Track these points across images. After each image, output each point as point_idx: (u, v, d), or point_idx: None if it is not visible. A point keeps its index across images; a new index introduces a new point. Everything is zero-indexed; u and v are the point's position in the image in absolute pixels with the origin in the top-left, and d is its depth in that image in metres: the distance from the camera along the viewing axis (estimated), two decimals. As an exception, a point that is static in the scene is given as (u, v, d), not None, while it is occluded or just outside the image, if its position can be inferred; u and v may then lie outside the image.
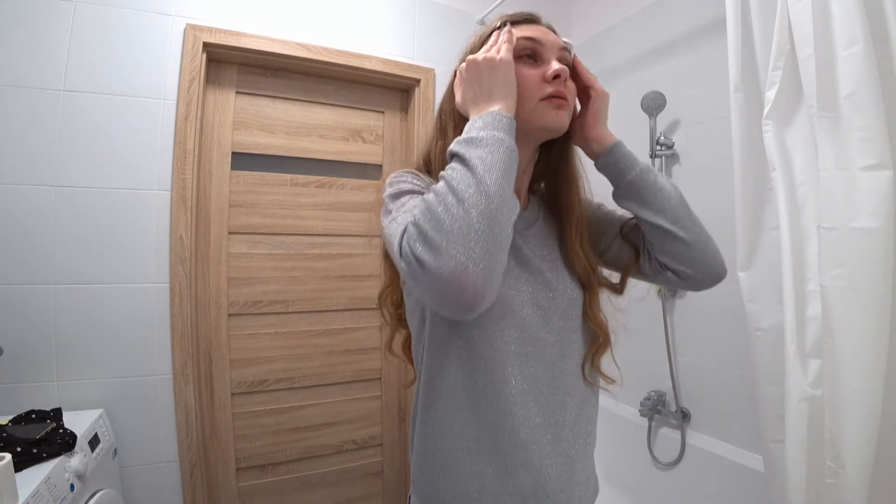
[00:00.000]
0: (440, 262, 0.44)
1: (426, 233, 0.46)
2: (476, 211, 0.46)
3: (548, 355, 0.64)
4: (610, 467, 1.84)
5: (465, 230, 0.45)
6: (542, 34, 0.64)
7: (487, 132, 0.52)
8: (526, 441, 0.61)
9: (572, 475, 0.64)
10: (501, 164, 0.50)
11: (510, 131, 0.53)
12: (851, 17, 0.85)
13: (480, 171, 0.48)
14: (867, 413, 0.81)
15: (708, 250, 0.68)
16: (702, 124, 1.59)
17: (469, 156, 0.50)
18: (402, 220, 0.52)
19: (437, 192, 0.49)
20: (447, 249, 0.44)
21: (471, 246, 0.45)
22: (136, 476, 1.39)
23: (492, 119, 0.54)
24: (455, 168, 0.50)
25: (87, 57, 1.36)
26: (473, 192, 0.47)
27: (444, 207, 0.46)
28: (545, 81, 0.61)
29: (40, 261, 1.31)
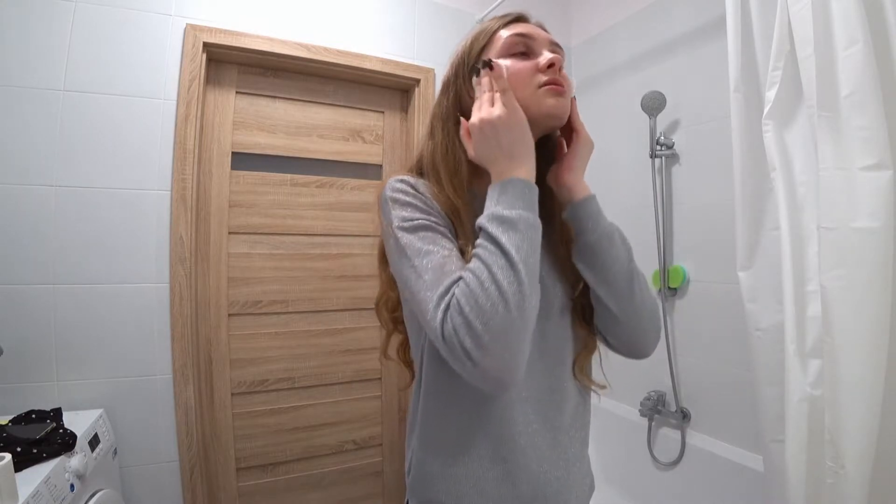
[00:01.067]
0: (487, 362, 0.48)
1: (475, 328, 0.48)
2: (517, 309, 0.48)
3: (545, 362, 0.64)
4: (610, 467, 1.84)
5: (508, 328, 0.48)
6: (533, 30, 0.65)
7: (519, 212, 0.52)
8: (525, 447, 0.61)
9: (570, 477, 0.65)
10: (534, 253, 0.52)
11: (535, 204, 0.55)
12: (851, 17, 0.85)
13: (518, 264, 0.49)
14: (867, 413, 0.81)
15: (639, 332, 0.67)
16: (702, 124, 1.59)
17: (505, 242, 0.50)
18: (433, 285, 0.52)
19: (480, 280, 0.49)
20: (493, 348, 0.48)
21: (513, 345, 0.49)
22: (136, 476, 1.39)
23: (521, 192, 0.54)
24: (494, 254, 0.50)
25: (88, 57, 1.36)
26: (515, 290, 0.49)
27: (490, 304, 0.48)
28: (539, 71, 0.61)
29: (40, 261, 1.31)
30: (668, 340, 1.63)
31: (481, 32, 0.67)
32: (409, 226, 0.58)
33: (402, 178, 0.63)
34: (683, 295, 1.64)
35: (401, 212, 0.59)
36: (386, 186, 0.63)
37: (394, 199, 0.60)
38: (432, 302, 0.51)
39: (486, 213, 0.54)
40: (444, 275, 0.52)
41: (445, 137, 0.65)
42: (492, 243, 0.51)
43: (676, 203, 1.67)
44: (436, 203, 0.61)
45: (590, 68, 2.07)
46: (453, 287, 0.51)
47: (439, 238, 0.57)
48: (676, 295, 1.66)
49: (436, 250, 0.55)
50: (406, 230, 0.57)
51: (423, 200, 0.60)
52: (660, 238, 1.64)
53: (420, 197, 0.60)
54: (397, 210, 0.59)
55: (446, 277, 0.52)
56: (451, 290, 0.51)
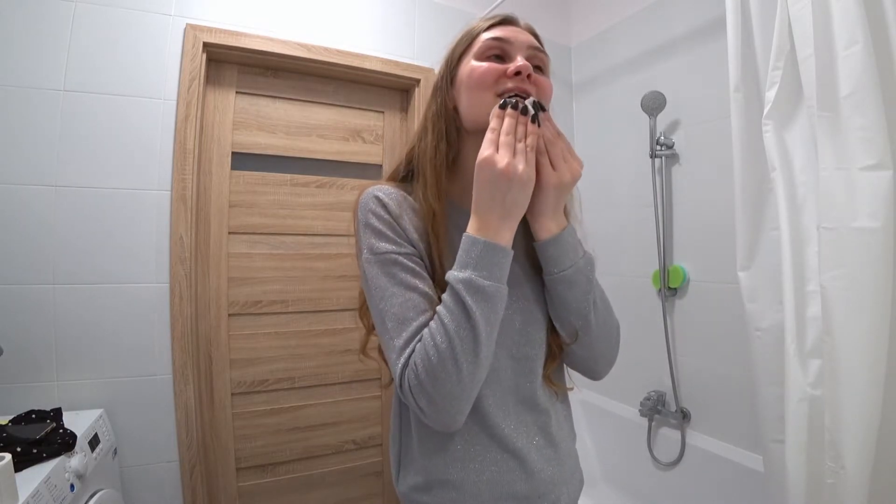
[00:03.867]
0: (436, 417, 0.54)
1: (427, 391, 0.52)
2: (470, 379, 0.53)
3: (529, 368, 0.65)
4: (610, 467, 1.84)
5: (459, 395, 0.53)
6: (513, 34, 0.63)
7: (495, 286, 0.53)
8: (515, 450, 0.62)
9: (562, 474, 0.66)
10: (498, 320, 0.55)
11: (507, 272, 0.56)
12: (851, 17, 0.85)
13: (483, 336, 0.52)
14: (867, 413, 0.81)
15: (587, 360, 0.69)
16: (702, 124, 1.59)
17: (475, 312, 0.52)
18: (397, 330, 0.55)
19: (438, 347, 0.51)
20: (444, 409, 0.53)
21: (461, 407, 0.54)
22: (136, 476, 1.39)
23: (501, 261, 0.55)
24: (459, 322, 0.52)
25: (88, 57, 1.36)
26: (472, 360, 0.52)
27: (444, 373, 0.51)
28: (507, 77, 0.60)
29: (40, 261, 1.31)
30: (668, 340, 1.63)
31: (465, 35, 0.67)
32: (378, 260, 0.58)
33: (377, 194, 0.62)
34: (683, 295, 1.64)
35: (371, 240, 0.60)
36: (360, 203, 0.62)
37: (367, 223, 0.60)
38: (394, 352, 0.55)
39: (462, 273, 0.53)
40: (405, 322, 0.55)
41: (434, 140, 0.65)
42: (461, 310, 0.52)
43: (676, 203, 1.67)
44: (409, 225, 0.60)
45: (590, 68, 2.07)
46: (414, 341, 0.54)
47: (405, 276, 0.57)
48: (676, 295, 1.66)
49: (399, 293, 0.56)
50: (374, 264, 0.59)
51: (393, 226, 0.60)
52: (660, 238, 1.64)
53: (392, 224, 0.60)
54: (368, 237, 0.60)
55: (407, 326, 0.55)
56: (412, 345, 0.54)
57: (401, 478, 0.66)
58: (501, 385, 0.63)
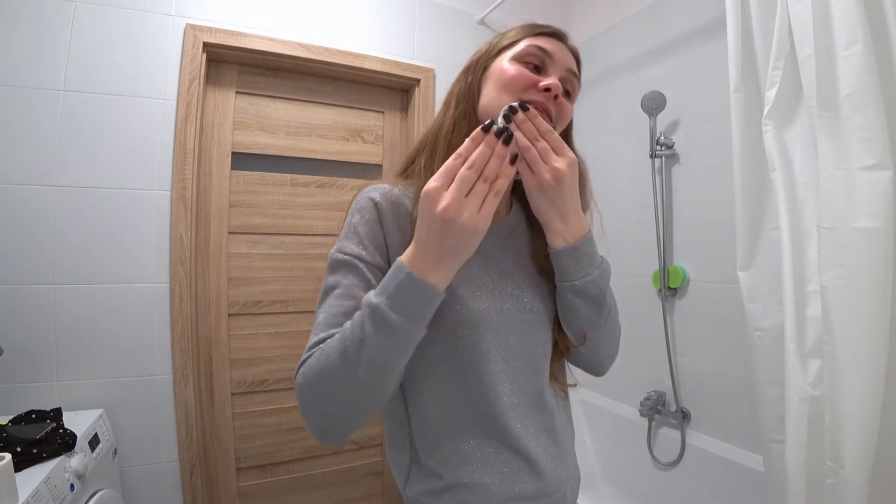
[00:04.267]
0: (309, 424, 0.54)
1: (305, 395, 0.53)
2: (345, 402, 0.53)
3: (534, 368, 0.65)
4: (610, 467, 1.84)
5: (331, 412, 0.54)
6: (557, 50, 0.62)
7: (402, 321, 0.48)
8: (526, 452, 0.62)
9: (567, 472, 0.67)
10: (397, 362, 0.52)
11: (430, 314, 0.51)
12: (851, 17, 0.85)
13: (372, 366, 0.50)
14: (867, 413, 0.81)
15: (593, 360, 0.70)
16: (702, 124, 1.59)
17: (370, 339, 0.49)
18: (316, 329, 0.56)
19: (328, 362, 0.51)
20: (314, 418, 0.54)
21: (335, 425, 0.55)
22: (136, 476, 1.39)
23: (420, 297, 0.49)
24: (353, 340, 0.50)
25: (88, 57, 1.36)
26: (350, 388, 0.51)
27: (320, 383, 0.52)
28: (535, 89, 0.59)
29: (40, 261, 1.31)
30: (668, 340, 1.63)
31: (512, 30, 0.65)
32: (339, 258, 0.60)
33: (372, 195, 0.62)
34: (683, 295, 1.64)
35: (344, 240, 0.61)
36: (356, 199, 0.64)
37: (350, 222, 0.62)
38: (306, 346, 0.56)
39: (376, 297, 0.50)
40: (328, 327, 0.55)
41: (455, 116, 0.64)
42: (359, 335, 0.50)
43: (676, 203, 1.67)
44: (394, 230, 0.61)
45: (590, 68, 2.06)
46: (321, 344, 0.54)
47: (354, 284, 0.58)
48: (676, 295, 1.66)
49: (338, 297, 0.57)
50: (335, 262, 0.60)
51: (373, 233, 0.61)
52: (660, 238, 1.64)
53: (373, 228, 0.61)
54: (344, 236, 0.62)
55: (327, 330, 0.55)
56: (319, 347, 0.54)
57: (410, 483, 0.65)
58: (513, 385, 0.62)
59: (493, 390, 0.61)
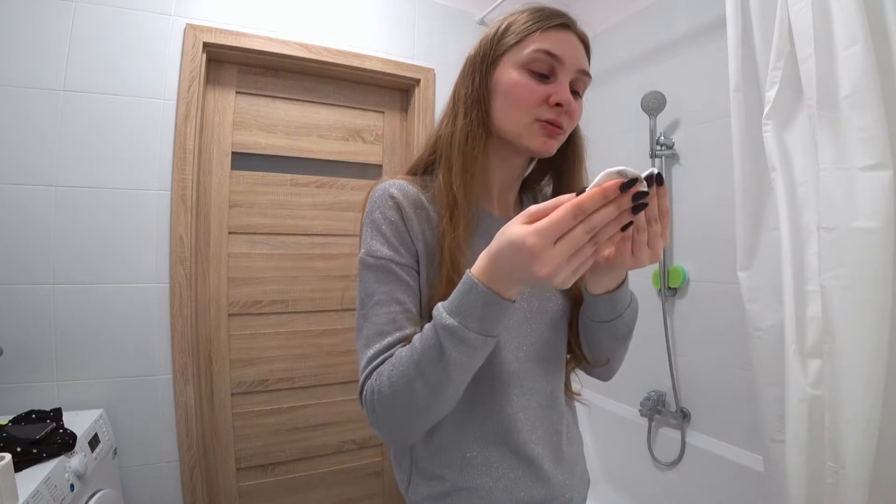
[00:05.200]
0: (383, 433, 0.56)
1: (378, 412, 0.53)
2: (422, 414, 0.53)
3: (544, 370, 0.64)
4: (610, 467, 1.84)
5: (409, 425, 0.55)
6: (567, 50, 0.59)
7: (481, 337, 0.48)
8: (532, 456, 0.62)
9: (573, 477, 0.66)
10: (472, 371, 0.52)
11: (503, 324, 0.50)
12: (851, 17, 0.85)
13: (453, 382, 0.50)
14: (867, 413, 0.81)
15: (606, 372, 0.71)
16: (702, 124, 1.59)
17: (451, 358, 0.48)
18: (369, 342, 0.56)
19: (405, 380, 0.51)
20: (392, 431, 0.56)
21: (410, 432, 0.57)
22: (136, 476, 1.39)
23: (496, 313, 0.47)
24: (431, 364, 0.49)
25: (87, 57, 1.36)
26: (431, 404, 0.52)
27: (399, 405, 0.52)
28: (547, 104, 0.58)
29: (40, 261, 1.31)
30: (668, 340, 1.63)
31: (516, 23, 0.60)
32: (372, 262, 0.58)
33: (392, 192, 0.59)
34: (683, 295, 1.64)
35: (372, 241, 0.58)
36: (375, 193, 0.60)
37: (373, 221, 0.59)
38: (363, 361, 0.55)
39: (450, 319, 0.47)
40: (381, 336, 0.55)
41: (468, 124, 0.60)
42: (437, 355, 0.48)
43: (676, 203, 1.67)
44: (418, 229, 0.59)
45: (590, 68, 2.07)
46: (383, 356, 0.53)
47: (395, 287, 0.57)
48: (676, 295, 1.66)
49: (384, 303, 0.56)
50: (368, 267, 0.58)
51: (400, 232, 0.58)
52: (660, 238, 1.64)
53: (399, 228, 0.58)
54: (369, 235, 0.59)
55: (381, 340, 0.54)
56: (381, 359, 0.54)
57: (412, 486, 0.64)
58: (523, 388, 0.62)
59: (504, 391, 0.61)
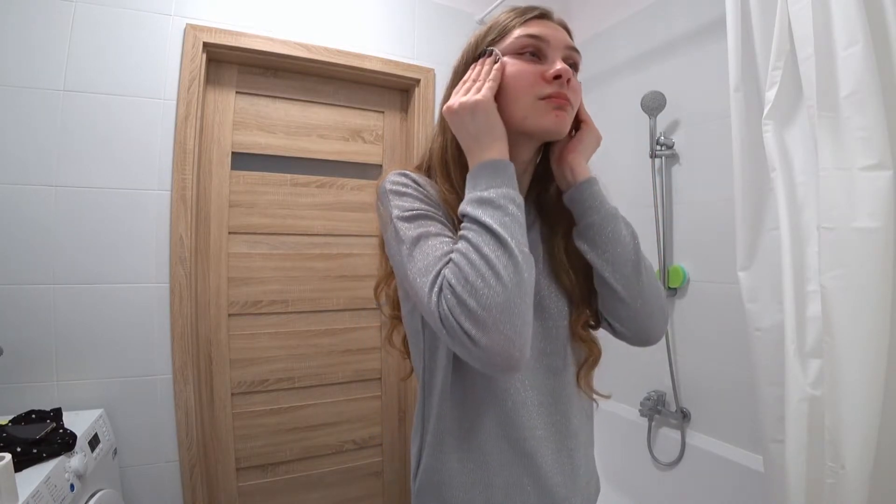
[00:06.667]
0: (491, 339, 0.46)
1: (469, 307, 0.47)
2: (513, 284, 0.47)
3: (547, 365, 0.64)
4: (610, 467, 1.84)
5: (507, 305, 0.47)
6: (549, 31, 0.61)
7: (496, 191, 0.53)
8: (532, 452, 0.61)
9: (576, 480, 0.65)
10: (520, 225, 0.52)
11: (513, 180, 0.55)
12: (851, 17, 0.85)
13: (506, 237, 0.49)
14: (867, 413, 0.81)
15: (645, 315, 0.63)
16: (702, 124, 1.59)
17: (489, 221, 0.50)
18: (426, 270, 0.52)
19: (468, 258, 0.49)
20: (495, 326, 0.46)
21: (515, 321, 0.47)
22: (136, 476, 1.39)
23: (493, 170, 0.54)
24: (479, 233, 0.50)
25: (87, 57, 1.36)
26: (506, 262, 0.48)
27: (482, 280, 0.47)
28: (545, 80, 0.58)
29: (40, 261, 1.31)
30: (668, 340, 1.63)
31: (495, 25, 0.64)
32: (408, 215, 0.57)
33: (401, 171, 0.62)
34: (683, 295, 1.64)
35: (399, 201, 0.58)
36: (385, 179, 0.62)
37: (393, 190, 0.60)
38: (426, 287, 0.51)
39: (465, 198, 0.54)
40: (437, 259, 0.52)
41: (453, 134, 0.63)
42: (475, 223, 0.51)
43: (676, 203, 1.67)
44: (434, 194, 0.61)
45: (590, 68, 2.07)
46: (444, 269, 0.51)
47: (436, 225, 0.56)
48: (676, 295, 1.66)
49: (432, 236, 0.55)
50: (404, 219, 0.57)
51: (423, 192, 0.60)
52: (660, 238, 1.64)
53: (420, 189, 0.60)
54: (396, 200, 0.59)
55: (439, 262, 0.52)
56: (442, 273, 0.51)
57: (417, 475, 0.65)
58: (524, 384, 0.61)
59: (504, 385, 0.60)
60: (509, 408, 0.60)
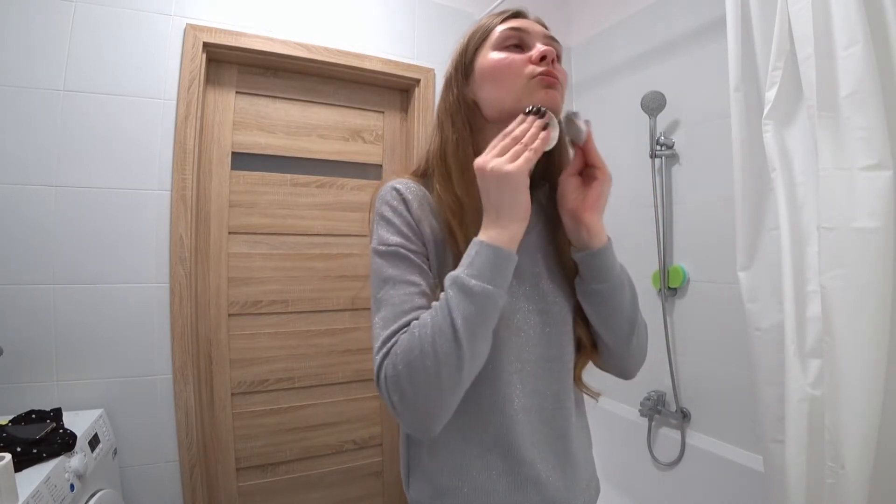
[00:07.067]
0: (410, 416, 0.53)
1: (402, 385, 0.51)
2: (449, 381, 0.50)
3: (549, 370, 0.64)
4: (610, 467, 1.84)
5: (433, 396, 0.51)
6: (528, 24, 0.64)
7: (483, 286, 0.51)
8: (533, 458, 0.61)
9: (577, 483, 0.65)
10: (486, 326, 0.52)
11: (507, 279, 0.53)
12: (851, 17, 0.85)
13: (462, 338, 0.50)
14: (867, 413, 0.81)
15: (627, 364, 0.69)
16: (702, 124, 1.59)
17: (456, 314, 0.50)
18: (385, 324, 0.55)
19: (422, 346, 0.50)
20: (417, 407, 0.52)
21: (437, 410, 0.52)
22: (136, 476, 1.39)
23: (494, 261, 0.52)
24: (443, 319, 0.50)
25: (87, 57, 1.36)
26: (452, 363, 0.50)
27: (423, 372, 0.50)
28: (532, 63, 0.60)
29: (40, 261, 1.31)
30: (668, 340, 1.63)
31: (478, 29, 0.66)
32: (383, 250, 0.59)
33: (397, 186, 0.62)
34: (683, 295, 1.64)
35: (381, 230, 0.60)
36: (380, 193, 0.63)
37: (380, 213, 0.61)
38: (378, 342, 0.54)
39: (456, 270, 0.53)
40: (398, 315, 0.54)
41: (455, 133, 0.64)
42: (444, 309, 0.51)
43: (676, 203, 1.67)
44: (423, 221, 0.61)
45: (590, 68, 2.07)
46: (399, 333, 0.53)
47: (405, 270, 0.57)
48: (676, 295, 1.66)
49: (398, 286, 0.56)
50: (378, 254, 0.59)
51: (407, 221, 0.60)
52: (660, 238, 1.64)
53: (405, 216, 0.60)
54: (380, 228, 0.60)
55: (398, 319, 0.54)
56: (397, 336, 0.53)
57: (412, 484, 0.65)
58: (526, 386, 0.62)
59: (504, 392, 0.60)
60: (508, 415, 0.60)
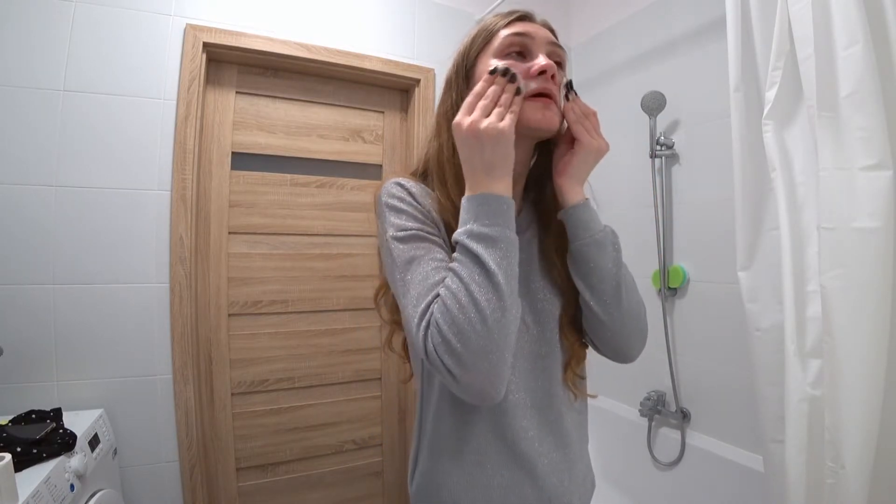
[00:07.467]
0: (470, 378, 0.49)
1: (453, 347, 0.49)
2: (498, 327, 0.49)
3: (542, 367, 0.64)
4: (610, 467, 1.84)
5: (490, 348, 0.49)
6: (533, 29, 0.63)
7: (498, 229, 0.52)
8: (528, 453, 0.62)
9: (572, 478, 0.66)
10: (514, 269, 0.52)
11: (513, 221, 0.54)
12: (851, 17, 0.85)
13: (500, 281, 0.50)
14: (867, 413, 0.81)
15: (623, 336, 0.65)
16: (702, 124, 1.59)
17: (487, 260, 0.50)
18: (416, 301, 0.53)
19: (457, 298, 0.49)
20: (475, 366, 0.49)
21: (493, 360, 0.49)
22: (136, 476, 1.39)
23: (497, 206, 0.53)
24: (472, 270, 0.50)
25: (87, 57, 1.36)
26: (495, 307, 0.49)
27: (468, 323, 0.48)
28: (530, 77, 0.59)
29: (40, 261, 1.31)
30: (668, 340, 1.63)
31: (482, 30, 0.65)
32: (402, 235, 0.58)
33: (399, 181, 0.62)
34: (683, 295, 1.64)
35: (395, 219, 0.59)
36: (383, 189, 0.62)
37: (389, 204, 0.60)
38: (415, 319, 0.53)
39: (462, 228, 0.53)
40: (430, 288, 0.53)
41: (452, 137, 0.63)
42: (471, 259, 0.51)
43: (676, 203, 1.67)
44: (432, 211, 0.60)
45: (590, 68, 2.07)
46: (433, 304, 0.52)
47: (430, 248, 0.57)
48: (676, 295, 1.66)
49: (424, 262, 0.55)
50: (398, 240, 0.58)
51: (418, 208, 0.60)
52: (660, 238, 1.64)
53: (415, 205, 0.60)
54: (391, 217, 0.59)
55: (430, 292, 0.53)
56: (432, 308, 0.52)
57: (414, 478, 0.66)
58: (518, 385, 0.62)
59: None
60: (503, 410, 0.61)
